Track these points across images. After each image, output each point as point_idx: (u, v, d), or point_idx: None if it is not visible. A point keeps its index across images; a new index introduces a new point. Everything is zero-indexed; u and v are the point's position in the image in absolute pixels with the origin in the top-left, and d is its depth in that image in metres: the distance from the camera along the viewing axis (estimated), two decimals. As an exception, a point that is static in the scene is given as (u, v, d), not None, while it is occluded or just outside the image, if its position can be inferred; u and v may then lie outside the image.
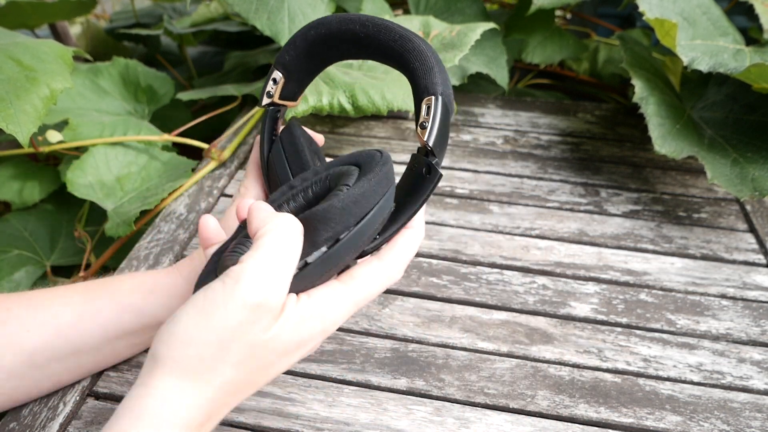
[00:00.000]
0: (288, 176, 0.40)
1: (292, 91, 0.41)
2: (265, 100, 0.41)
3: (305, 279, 0.29)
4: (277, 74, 0.40)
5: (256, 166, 0.43)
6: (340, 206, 0.28)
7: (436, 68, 0.33)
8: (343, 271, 0.32)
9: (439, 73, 0.33)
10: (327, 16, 0.37)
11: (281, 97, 0.41)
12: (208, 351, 0.26)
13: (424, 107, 0.33)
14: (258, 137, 0.43)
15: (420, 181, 0.33)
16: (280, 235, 0.27)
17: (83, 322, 0.37)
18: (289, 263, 0.27)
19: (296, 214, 0.32)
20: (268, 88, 0.40)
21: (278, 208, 0.33)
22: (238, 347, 0.27)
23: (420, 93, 0.33)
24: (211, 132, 0.85)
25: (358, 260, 0.32)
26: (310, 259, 0.29)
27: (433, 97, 0.32)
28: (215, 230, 0.32)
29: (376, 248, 0.33)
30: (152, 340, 0.37)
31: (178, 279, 0.39)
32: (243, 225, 0.32)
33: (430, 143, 0.32)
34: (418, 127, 0.33)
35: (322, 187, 0.33)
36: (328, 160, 0.46)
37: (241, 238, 0.31)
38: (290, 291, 0.29)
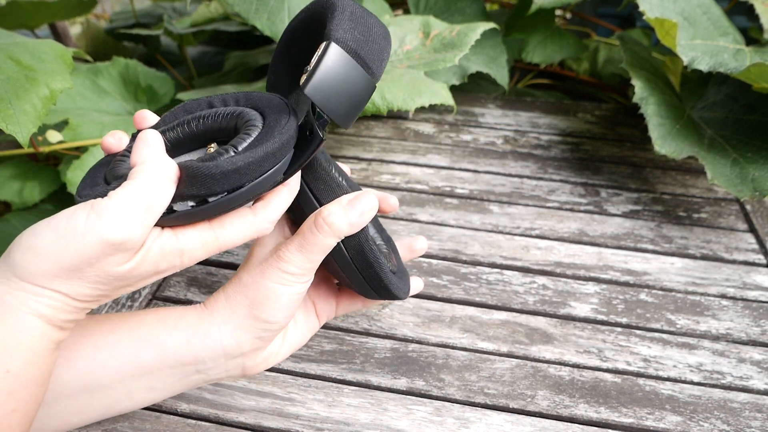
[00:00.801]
0: (310, 198, 0.36)
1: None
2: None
3: (171, 221, 0.29)
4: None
5: None
6: (208, 173, 0.28)
7: (347, 14, 0.29)
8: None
9: (349, 20, 0.29)
10: None
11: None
12: (63, 270, 0.27)
13: (315, 56, 0.28)
14: None
15: (303, 141, 0.30)
16: (151, 179, 0.28)
17: (100, 355, 0.34)
18: (154, 208, 0.28)
19: (186, 141, 0.32)
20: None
21: (171, 129, 0.33)
22: (94, 272, 0.27)
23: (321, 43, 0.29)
24: (211, 132, 0.85)
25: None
26: (176, 207, 0.29)
27: (324, 43, 0.28)
28: (116, 144, 0.33)
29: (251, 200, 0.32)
30: (173, 386, 0.36)
31: (204, 314, 0.36)
32: (136, 134, 0.32)
33: (306, 89, 0.27)
34: (303, 74, 0.28)
35: (228, 123, 0.32)
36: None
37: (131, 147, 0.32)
38: (155, 225, 0.29)
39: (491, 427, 0.39)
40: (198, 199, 0.29)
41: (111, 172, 0.31)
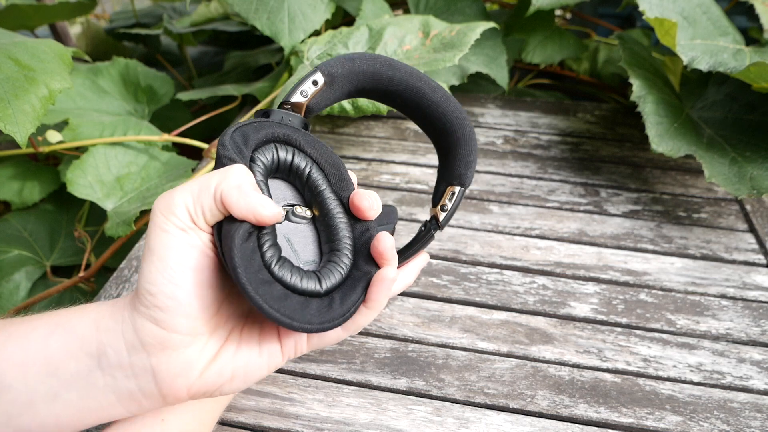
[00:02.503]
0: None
1: (316, 106, 0.35)
2: (296, 98, 0.34)
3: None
4: (319, 77, 0.34)
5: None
6: None
7: (474, 163, 0.38)
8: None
9: (473, 165, 0.37)
10: (400, 65, 0.36)
11: (309, 106, 0.35)
12: None
13: (449, 192, 0.38)
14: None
15: (417, 237, 0.40)
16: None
17: (10, 345, 0.30)
18: None
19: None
20: (304, 87, 0.34)
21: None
22: None
23: (450, 176, 0.38)
24: (211, 132, 0.85)
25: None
26: None
27: (459, 188, 0.38)
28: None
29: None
30: (78, 400, 0.29)
31: (118, 302, 0.30)
32: None
33: (443, 224, 0.38)
34: (438, 208, 0.38)
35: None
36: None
37: None
38: None
39: (491, 427, 0.39)
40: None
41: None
